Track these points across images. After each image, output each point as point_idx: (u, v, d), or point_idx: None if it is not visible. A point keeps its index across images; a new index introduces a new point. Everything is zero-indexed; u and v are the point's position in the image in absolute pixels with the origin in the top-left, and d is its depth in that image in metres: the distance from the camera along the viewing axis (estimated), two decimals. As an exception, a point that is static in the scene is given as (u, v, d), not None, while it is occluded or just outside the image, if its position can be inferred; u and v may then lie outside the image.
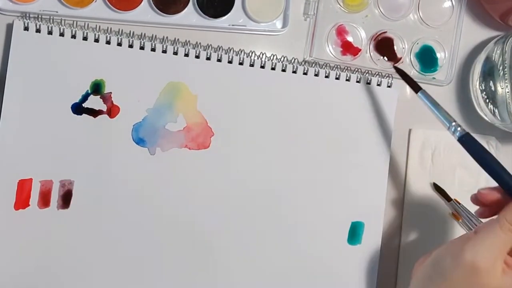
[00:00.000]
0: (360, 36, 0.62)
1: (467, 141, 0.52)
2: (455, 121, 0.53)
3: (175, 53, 0.57)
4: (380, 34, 0.62)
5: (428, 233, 0.63)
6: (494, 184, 0.64)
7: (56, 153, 0.55)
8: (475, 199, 0.51)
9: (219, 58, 0.58)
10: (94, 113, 0.56)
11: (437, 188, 0.64)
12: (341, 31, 0.62)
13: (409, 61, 0.63)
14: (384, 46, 0.62)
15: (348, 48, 0.62)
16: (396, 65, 0.62)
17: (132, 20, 0.57)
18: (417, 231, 0.63)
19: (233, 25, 0.59)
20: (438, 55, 0.63)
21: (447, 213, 0.64)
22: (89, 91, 0.55)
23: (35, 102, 0.54)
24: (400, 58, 0.62)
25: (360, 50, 0.62)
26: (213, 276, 0.59)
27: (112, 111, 0.56)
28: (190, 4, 0.58)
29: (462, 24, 0.64)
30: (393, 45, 0.63)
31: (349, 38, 0.62)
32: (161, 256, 0.57)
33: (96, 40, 0.55)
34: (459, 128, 0.53)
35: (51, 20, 0.54)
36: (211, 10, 0.58)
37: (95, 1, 0.56)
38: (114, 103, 0.56)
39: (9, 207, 0.54)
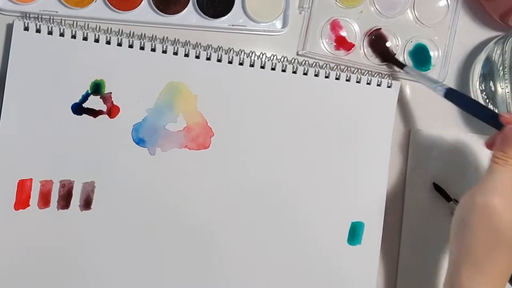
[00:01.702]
0: (354, 32, 0.62)
1: (451, 94, 0.57)
2: (438, 81, 0.59)
3: (175, 53, 0.57)
4: (374, 31, 0.62)
5: (428, 233, 0.64)
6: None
7: (56, 153, 0.55)
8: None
9: (219, 58, 0.57)
10: (94, 113, 0.56)
11: (437, 188, 0.64)
12: (335, 26, 0.61)
13: (402, 59, 0.63)
14: (378, 42, 0.62)
15: (342, 43, 0.61)
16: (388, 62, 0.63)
17: (132, 20, 0.57)
18: (417, 231, 0.63)
19: (233, 25, 0.59)
20: (431, 53, 0.63)
21: (447, 213, 0.64)
22: (89, 91, 0.55)
23: (35, 102, 0.54)
24: (394, 55, 0.62)
25: (353, 45, 0.62)
26: (212, 274, 0.59)
27: (112, 111, 0.56)
28: (190, 4, 0.58)
29: (457, 24, 0.64)
30: (386, 41, 0.62)
31: (343, 33, 0.62)
32: (161, 256, 0.57)
33: (96, 40, 0.55)
34: (444, 87, 0.58)
35: (51, 20, 0.54)
36: (211, 10, 0.58)
37: (95, 1, 0.56)
38: (114, 103, 0.56)
39: (9, 207, 0.54)
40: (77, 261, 0.56)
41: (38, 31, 0.54)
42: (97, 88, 0.56)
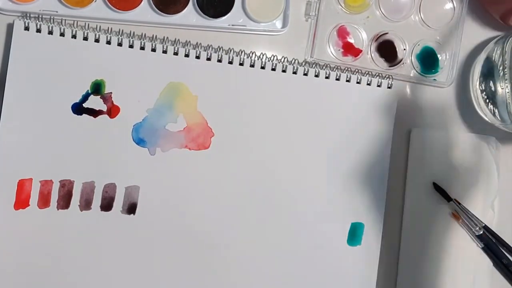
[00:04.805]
0: (361, 37, 0.62)
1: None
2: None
3: (176, 54, 0.57)
4: (381, 35, 0.62)
5: (428, 233, 0.63)
6: (493, 184, 0.64)
7: (56, 153, 0.55)
8: None
9: (219, 58, 0.57)
10: (94, 113, 0.56)
11: (437, 188, 0.64)
12: (342, 32, 0.61)
13: (410, 62, 0.63)
14: (385, 47, 0.62)
15: (349, 49, 0.62)
16: (396, 66, 0.62)
17: (132, 20, 0.57)
18: (417, 231, 0.63)
19: (233, 25, 0.59)
20: (439, 56, 0.63)
21: (447, 213, 0.64)
22: (90, 91, 0.55)
23: (35, 102, 0.54)
24: (401, 60, 0.62)
25: (361, 51, 0.62)
26: (213, 274, 0.59)
27: (112, 111, 0.56)
28: (190, 4, 0.58)
29: (463, 26, 0.63)
30: (394, 46, 0.62)
31: (350, 39, 0.62)
32: (161, 257, 0.57)
33: (97, 40, 0.55)
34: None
35: (52, 20, 0.54)
36: (211, 10, 0.58)
37: (95, 1, 0.56)
38: (114, 103, 0.56)
39: (9, 207, 0.54)
40: (77, 261, 0.56)
41: (38, 31, 0.54)
42: (97, 88, 0.56)
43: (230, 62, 0.58)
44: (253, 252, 0.59)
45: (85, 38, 0.55)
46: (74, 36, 0.55)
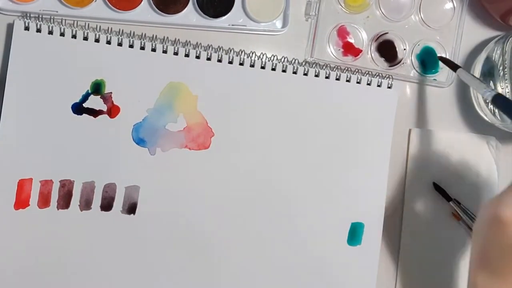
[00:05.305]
0: (361, 37, 0.62)
1: (499, 99, 0.54)
2: (488, 86, 0.56)
3: (176, 53, 0.57)
4: (381, 35, 0.62)
5: (428, 233, 0.64)
6: (493, 184, 0.64)
7: (56, 153, 0.55)
8: None
9: (219, 58, 0.57)
10: (94, 113, 0.56)
11: (437, 188, 0.64)
12: (342, 32, 0.61)
13: (410, 62, 0.63)
14: (385, 47, 0.62)
15: (349, 49, 0.62)
16: (397, 66, 0.62)
17: (132, 20, 0.57)
18: (417, 231, 0.63)
19: (233, 25, 0.59)
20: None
21: (447, 213, 0.64)
22: (90, 91, 0.55)
23: (35, 102, 0.54)
24: (401, 60, 0.62)
25: (361, 51, 0.62)
26: (212, 275, 0.59)
27: (113, 111, 0.56)
28: (190, 4, 0.58)
29: (463, 26, 0.63)
30: (394, 46, 0.62)
31: (350, 39, 0.62)
32: (161, 257, 0.57)
33: (97, 40, 0.55)
34: (493, 92, 0.55)
35: (52, 20, 0.54)
36: (211, 10, 0.58)
37: (95, 1, 0.56)
38: (115, 103, 0.56)
39: (9, 207, 0.54)
40: (77, 261, 0.56)
41: (38, 30, 0.54)
42: (97, 88, 0.56)
43: (230, 62, 0.58)
44: (253, 252, 0.59)
45: (85, 38, 0.55)
46: (74, 36, 0.55)
